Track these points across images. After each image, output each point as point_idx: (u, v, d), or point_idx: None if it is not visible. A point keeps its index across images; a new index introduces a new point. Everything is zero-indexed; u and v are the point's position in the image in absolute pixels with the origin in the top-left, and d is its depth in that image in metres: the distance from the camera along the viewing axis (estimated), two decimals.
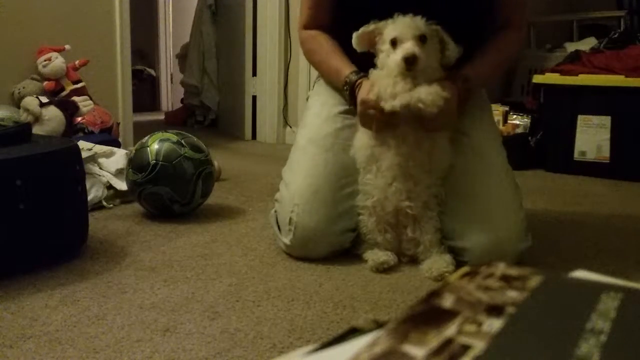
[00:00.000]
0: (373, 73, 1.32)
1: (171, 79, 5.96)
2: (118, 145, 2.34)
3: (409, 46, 1.23)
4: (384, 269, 1.30)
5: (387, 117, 1.26)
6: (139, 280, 1.23)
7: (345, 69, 1.38)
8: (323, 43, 1.46)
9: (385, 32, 1.28)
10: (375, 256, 1.31)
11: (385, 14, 1.28)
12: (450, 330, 0.31)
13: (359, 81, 1.34)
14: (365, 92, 1.29)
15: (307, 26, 1.50)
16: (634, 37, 2.79)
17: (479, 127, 1.38)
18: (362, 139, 1.34)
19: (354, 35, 1.31)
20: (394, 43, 1.26)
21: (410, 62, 1.22)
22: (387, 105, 1.23)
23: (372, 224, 1.34)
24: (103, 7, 2.81)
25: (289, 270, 1.31)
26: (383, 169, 1.32)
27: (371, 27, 1.29)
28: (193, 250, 1.44)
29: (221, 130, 4.08)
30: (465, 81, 1.30)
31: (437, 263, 1.28)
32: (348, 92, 1.37)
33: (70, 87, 2.54)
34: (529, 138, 2.80)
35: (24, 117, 2.29)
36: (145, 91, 5.70)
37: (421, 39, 1.24)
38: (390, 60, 1.26)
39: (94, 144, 2.00)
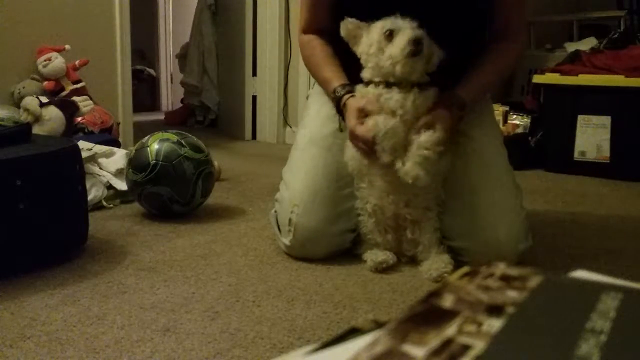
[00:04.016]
0: (359, 90, 1.30)
1: (171, 79, 5.96)
2: (118, 145, 2.34)
3: (413, 31, 1.19)
4: (382, 269, 1.30)
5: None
6: (139, 280, 1.23)
7: (333, 80, 1.36)
8: (317, 49, 1.44)
9: (378, 26, 1.24)
10: (374, 256, 1.31)
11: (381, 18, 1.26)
12: (450, 330, 0.31)
13: (345, 98, 1.31)
14: (353, 119, 1.25)
15: (306, 30, 1.49)
16: (634, 37, 2.79)
17: (479, 127, 1.37)
18: (352, 150, 1.33)
19: (344, 22, 1.29)
20: (391, 34, 1.22)
21: (417, 42, 1.18)
22: (385, 159, 1.20)
23: (371, 224, 1.34)
24: (103, 7, 2.81)
25: (289, 270, 1.31)
26: (376, 185, 1.31)
27: (358, 23, 1.28)
28: (193, 250, 1.44)
29: (221, 130, 4.08)
30: (461, 107, 1.28)
31: (436, 264, 1.27)
32: (335, 106, 1.35)
33: (70, 87, 2.55)
34: (529, 138, 2.80)
35: (24, 117, 2.29)
36: (145, 91, 5.70)
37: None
38: (390, 50, 1.21)
39: (94, 144, 2.00)
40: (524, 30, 1.66)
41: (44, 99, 2.38)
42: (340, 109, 1.34)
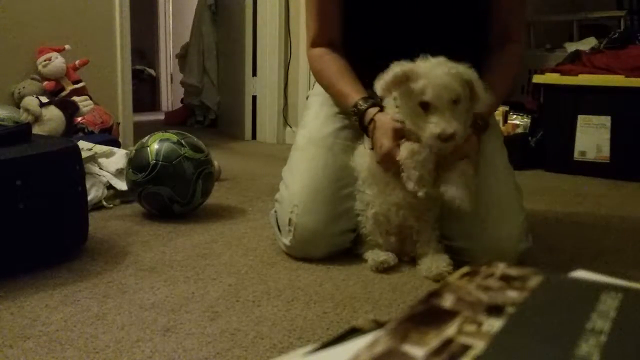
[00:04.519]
0: (388, 107, 1.26)
1: (171, 79, 5.97)
2: (118, 145, 2.34)
3: (446, 124, 1.14)
4: (383, 269, 1.30)
5: None
6: (139, 280, 1.23)
7: (353, 94, 1.32)
8: (331, 63, 1.39)
9: (416, 87, 1.16)
10: (375, 256, 1.31)
11: (391, 29, 1.22)
12: (450, 330, 0.31)
13: (371, 113, 1.27)
14: (390, 140, 1.22)
15: (315, 43, 1.43)
16: (634, 37, 2.79)
17: None
18: (365, 157, 1.32)
19: (379, 83, 1.19)
20: (425, 107, 1.16)
21: (445, 139, 1.15)
22: (410, 187, 1.20)
23: (371, 225, 1.34)
24: (103, 7, 2.81)
25: (289, 270, 1.31)
26: (388, 198, 1.30)
27: (398, 70, 1.17)
28: (193, 250, 1.44)
29: (221, 130, 4.08)
30: (485, 128, 1.29)
31: (435, 262, 1.27)
32: (357, 120, 1.31)
33: (70, 87, 2.55)
34: (529, 138, 2.80)
35: (24, 117, 2.29)
36: (145, 91, 5.70)
37: (454, 102, 1.16)
38: (423, 130, 1.17)
39: (94, 144, 2.00)
40: (524, 30, 1.66)
41: (44, 99, 2.38)
42: (363, 123, 1.30)
